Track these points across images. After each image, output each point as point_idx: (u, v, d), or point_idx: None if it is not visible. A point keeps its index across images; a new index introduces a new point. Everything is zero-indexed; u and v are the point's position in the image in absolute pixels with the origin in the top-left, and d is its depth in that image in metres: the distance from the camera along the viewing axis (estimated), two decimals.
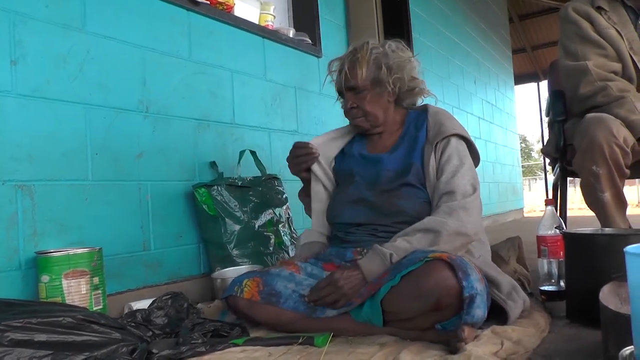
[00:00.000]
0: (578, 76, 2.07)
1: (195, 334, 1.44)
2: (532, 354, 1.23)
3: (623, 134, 1.82)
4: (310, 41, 3.09)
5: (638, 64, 2.04)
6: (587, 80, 2.03)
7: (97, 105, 1.95)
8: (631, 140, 1.84)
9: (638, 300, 0.73)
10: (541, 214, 8.63)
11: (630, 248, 0.76)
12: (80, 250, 1.71)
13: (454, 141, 1.67)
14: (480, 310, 1.29)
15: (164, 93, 2.22)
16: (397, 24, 4.20)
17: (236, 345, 1.41)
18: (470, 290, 1.27)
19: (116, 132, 2.01)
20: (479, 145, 6.21)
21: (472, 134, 5.78)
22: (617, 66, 2.04)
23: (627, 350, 0.84)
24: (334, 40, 3.38)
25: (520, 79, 10.40)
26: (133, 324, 1.54)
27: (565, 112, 2.26)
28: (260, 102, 2.74)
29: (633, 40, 2.06)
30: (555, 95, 2.32)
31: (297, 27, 3.19)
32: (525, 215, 8.17)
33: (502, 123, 7.29)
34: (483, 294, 1.31)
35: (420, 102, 1.90)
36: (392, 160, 1.72)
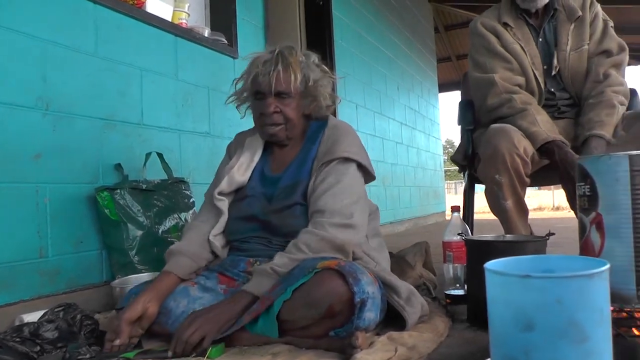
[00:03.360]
0: (486, 88, 2.14)
1: (83, 349, 1.36)
2: (426, 359, 1.24)
3: (523, 144, 1.89)
4: (226, 41, 3.02)
5: (539, 78, 2.14)
6: (494, 91, 2.11)
7: None
8: (531, 150, 1.92)
9: (495, 315, 0.73)
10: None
11: (488, 264, 0.77)
12: None
13: (337, 164, 1.61)
14: (371, 313, 1.30)
15: (67, 90, 2.10)
16: (318, 28, 4.20)
17: (127, 359, 1.33)
18: (362, 295, 1.28)
19: (11, 130, 1.87)
20: (400, 150, 6.38)
21: (393, 139, 5.90)
22: (521, 80, 2.13)
23: None
24: (251, 41, 3.32)
25: (445, 86, 10.72)
26: (18, 340, 1.43)
27: (474, 121, 2.33)
28: (171, 102, 2.64)
29: (535, 56, 2.16)
30: (465, 105, 2.39)
31: (214, 26, 3.11)
32: (447, 218, 8.42)
33: (424, 129, 7.48)
34: (375, 296, 1.32)
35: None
36: (286, 177, 1.67)
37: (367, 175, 1.71)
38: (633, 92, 2.35)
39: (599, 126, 1.95)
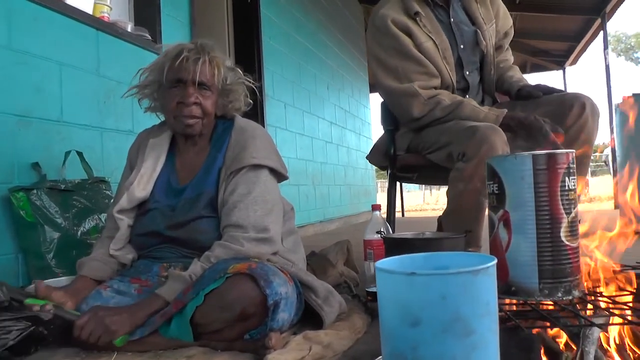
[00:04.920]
0: (407, 99, 2.10)
1: None
2: (342, 356, 1.26)
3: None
4: (150, 37, 2.94)
5: (450, 73, 2.14)
6: (417, 102, 2.07)
7: None
8: None
9: (384, 312, 0.76)
10: (397, 214, 9.09)
11: (379, 262, 0.80)
12: None
13: (247, 171, 1.57)
14: (285, 314, 1.33)
15: None
16: (246, 26, 4.18)
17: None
18: (275, 297, 1.30)
19: None
20: (330, 149, 6.40)
21: (323, 138, 5.95)
22: (437, 82, 2.13)
23: (377, 359, 0.88)
24: (176, 37, 3.23)
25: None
26: None
27: (395, 122, 2.33)
28: (92, 99, 2.54)
29: (445, 49, 2.14)
30: (386, 106, 2.36)
31: (138, 21, 3.03)
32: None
33: (355, 128, 7.58)
34: (288, 296, 1.34)
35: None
36: (191, 188, 1.62)
37: (280, 176, 1.69)
38: None
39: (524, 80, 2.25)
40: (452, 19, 2.20)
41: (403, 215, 9.52)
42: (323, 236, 4.90)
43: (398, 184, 2.70)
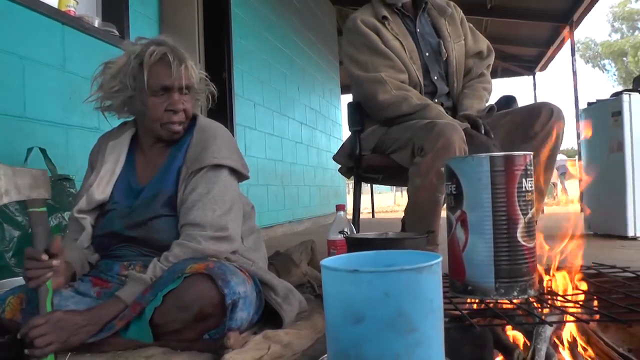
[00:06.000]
0: (374, 86, 2.19)
1: None
2: (301, 356, 1.26)
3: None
4: (117, 33, 2.90)
5: (416, 72, 2.24)
6: (384, 89, 2.16)
7: None
8: None
9: (329, 310, 0.77)
10: (368, 215, 9.10)
11: (325, 260, 0.81)
12: None
13: (207, 171, 1.56)
14: (243, 313, 1.33)
15: None
16: (217, 25, 4.16)
17: None
18: (233, 296, 1.30)
19: None
20: (299, 149, 6.38)
21: (293, 138, 5.95)
22: (405, 77, 2.22)
23: (323, 357, 0.89)
24: (144, 34, 3.09)
25: (348, 88, 10.90)
26: None
27: (361, 122, 2.37)
28: (58, 95, 2.50)
29: (412, 50, 2.27)
30: (352, 107, 2.42)
31: (105, 16, 2.99)
32: (348, 216, 8.59)
33: (326, 129, 7.60)
34: (247, 295, 1.35)
35: None
36: (149, 188, 1.60)
37: (241, 176, 1.68)
38: (512, 99, 2.58)
39: (470, 109, 2.21)
40: (417, 29, 2.33)
41: (373, 216, 9.58)
42: (292, 236, 4.90)
43: (369, 185, 2.73)
